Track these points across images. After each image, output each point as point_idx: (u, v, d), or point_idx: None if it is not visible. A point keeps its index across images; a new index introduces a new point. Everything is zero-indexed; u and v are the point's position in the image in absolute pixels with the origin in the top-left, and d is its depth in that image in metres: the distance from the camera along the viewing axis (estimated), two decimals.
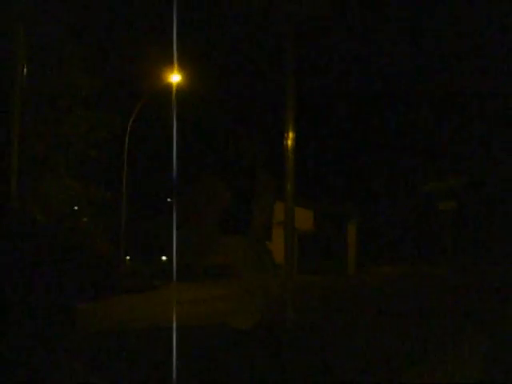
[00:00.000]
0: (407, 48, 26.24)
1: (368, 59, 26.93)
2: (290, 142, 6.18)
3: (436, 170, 28.01)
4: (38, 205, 15.20)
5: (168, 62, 19.56)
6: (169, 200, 31.33)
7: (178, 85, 19.50)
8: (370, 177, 29.10)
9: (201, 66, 22.40)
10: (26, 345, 4.67)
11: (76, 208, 18.40)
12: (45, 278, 5.18)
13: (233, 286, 5.68)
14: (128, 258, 22.37)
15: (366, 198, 28.66)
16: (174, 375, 4.66)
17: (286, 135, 6.16)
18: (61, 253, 5.87)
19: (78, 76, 17.87)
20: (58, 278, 5.35)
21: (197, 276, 22.10)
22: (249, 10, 6.57)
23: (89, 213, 18.63)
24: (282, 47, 6.30)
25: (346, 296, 11.64)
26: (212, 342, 5.89)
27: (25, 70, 9.41)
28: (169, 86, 20.48)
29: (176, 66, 16.20)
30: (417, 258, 22.97)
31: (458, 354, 5.47)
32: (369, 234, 24.48)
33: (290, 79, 6.36)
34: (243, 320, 5.20)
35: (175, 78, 19.37)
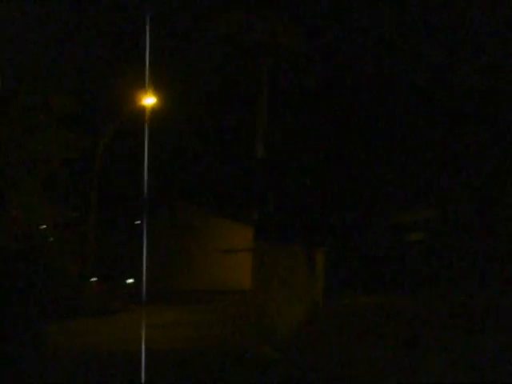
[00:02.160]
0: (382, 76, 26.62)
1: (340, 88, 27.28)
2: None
3: (406, 201, 28.37)
4: (3, 223, 14.95)
5: (143, 84, 19.55)
6: (137, 222, 31.05)
7: (153, 107, 19.49)
8: (341, 206, 29.29)
9: (177, 90, 22.46)
10: None
11: (43, 227, 18.13)
12: (4, 297, 5.04)
13: (200, 311, 5.62)
14: (94, 279, 22.00)
15: (335, 227, 28.79)
16: None
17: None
18: (23, 271, 5.72)
19: (51, 95, 17.82)
20: (20, 298, 5.21)
21: (164, 300, 21.86)
22: (225, 38, 6.60)
23: (56, 232, 18.37)
24: (258, 80, 6.33)
25: (312, 325, 11.59)
26: (198, 364, 5.80)
27: None
28: (143, 108, 20.43)
29: (150, 88, 16.20)
30: (386, 289, 23.06)
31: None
32: (338, 264, 24.52)
33: (262, 106, 6.39)
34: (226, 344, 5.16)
35: (149, 100, 19.35)
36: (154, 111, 19.34)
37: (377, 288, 23.26)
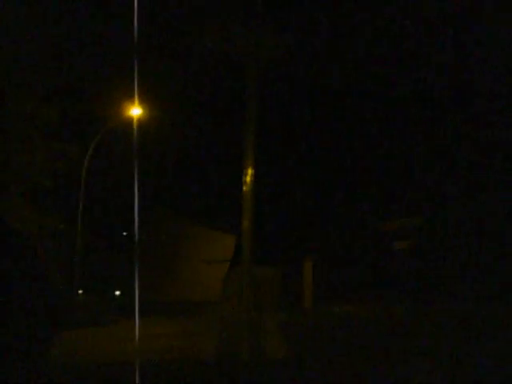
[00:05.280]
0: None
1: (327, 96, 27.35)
2: (248, 179, 6.22)
3: (391, 210, 28.53)
4: None
5: (130, 96, 19.51)
6: (125, 234, 30.88)
7: (140, 118, 19.44)
8: (328, 216, 29.42)
9: (163, 100, 22.42)
10: None
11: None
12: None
13: (188, 323, 5.64)
14: (81, 291, 21.83)
15: (323, 236, 28.90)
16: None
17: (244, 171, 6.19)
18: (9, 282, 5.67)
19: (37, 106, 17.70)
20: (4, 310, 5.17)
21: (152, 312, 21.73)
22: (210, 43, 6.60)
23: (42, 243, 18.22)
24: (244, 84, 6.35)
25: (302, 330, 11.63)
26: (177, 374, 5.80)
27: None
28: (130, 119, 20.36)
29: (137, 99, 16.18)
30: (372, 296, 23.16)
31: None
32: (326, 272, 24.61)
33: (251, 114, 6.40)
34: (206, 353, 5.18)
35: (136, 111, 19.32)
36: (141, 122, 19.31)
37: (363, 297, 23.35)
